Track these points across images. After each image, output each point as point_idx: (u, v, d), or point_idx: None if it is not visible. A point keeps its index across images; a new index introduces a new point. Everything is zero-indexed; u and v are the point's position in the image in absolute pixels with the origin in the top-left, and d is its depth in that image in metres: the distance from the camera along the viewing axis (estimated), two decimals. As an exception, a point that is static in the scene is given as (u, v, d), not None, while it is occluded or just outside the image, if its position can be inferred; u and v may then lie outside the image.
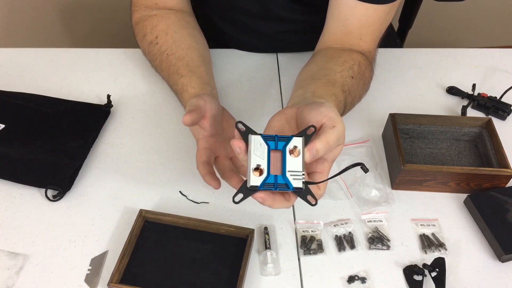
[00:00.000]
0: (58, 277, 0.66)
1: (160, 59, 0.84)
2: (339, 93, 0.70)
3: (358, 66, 0.78)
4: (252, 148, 0.52)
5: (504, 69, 1.01)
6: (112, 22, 1.84)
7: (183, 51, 0.83)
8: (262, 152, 0.52)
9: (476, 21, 2.08)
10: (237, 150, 0.53)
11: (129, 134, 0.85)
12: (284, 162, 0.52)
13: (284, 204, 0.55)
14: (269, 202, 0.53)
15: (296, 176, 0.52)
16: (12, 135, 0.81)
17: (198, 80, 0.78)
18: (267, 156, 0.52)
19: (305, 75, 0.78)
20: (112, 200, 0.75)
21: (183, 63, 0.81)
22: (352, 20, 0.79)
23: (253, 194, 0.52)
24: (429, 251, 0.70)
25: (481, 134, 0.82)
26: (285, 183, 0.52)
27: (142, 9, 0.90)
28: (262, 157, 0.52)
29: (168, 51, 0.83)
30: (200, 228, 0.70)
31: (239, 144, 0.53)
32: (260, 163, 0.52)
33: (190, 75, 0.79)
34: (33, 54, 0.99)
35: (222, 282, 0.65)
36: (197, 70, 0.80)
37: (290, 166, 0.52)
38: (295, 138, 0.53)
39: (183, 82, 0.78)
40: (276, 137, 0.53)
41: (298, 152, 0.53)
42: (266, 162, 0.52)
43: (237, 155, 0.54)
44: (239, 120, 0.54)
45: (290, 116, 0.60)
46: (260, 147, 0.52)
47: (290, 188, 0.52)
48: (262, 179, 0.52)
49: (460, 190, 0.77)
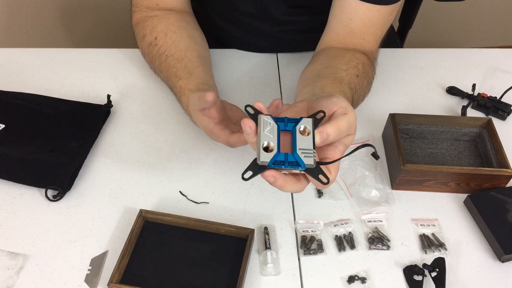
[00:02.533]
0: (58, 277, 0.66)
1: (159, 61, 0.85)
2: (347, 90, 0.70)
3: (362, 66, 0.78)
4: (262, 127, 0.51)
5: (504, 69, 1.01)
6: (112, 22, 1.84)
7: (182, 52, 0.83)
8: (272, 131, 0.51)
9: (476, 21, 2.08)
10: (247, 130, 0.52)
11: (129, 134, 0.85)
12: (294, 141, 0.51)
13: (295, 186, 0.53)
14: (280, 182, 0.51)
15: (307, 154, 0.50)
16: (12, 135, 0.81)
17: (195, 82, 0.78)
18: (277, 135, 0.51)
19: (310, 73, 0.78)
20: (112, 200, 0.75)
21: (182, 65, 0.81)
22: (355, 21, 0.79)
23: (263, 172, 0.51)
24: (429, 251, 0.70)
25: (481, 134, 0.82)
26: (296, 161, 0.50)
27: (143, 10, 0.90)
28: (272, 135, 0.51)
29: (167, 52, 0.83)
30: (200, 228, 0.70)
31: (250, 123, 0.52)
32: (270, 141, 0.51)
33: (188, 77, 0.79)
34: (33, 54, 0.99)
35: (222, 282, 0.65)
36: (195, 71, 0.80)
37: (301, 145, 0.51)
38: (305, 119, 0.52)
39: (181, 85, 0.78)
40: (285, 118, 0.52)
41: (308, 132, 0.52)
42: (276, 141, 0.51)
43: (246, 136, 0.53)
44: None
45: (301, 109, 0.59)
46: (270, 126, 0.51)
47: (302, 166, 0.50)
48: (272, 155, 0.50)
49: (460, 190, 0.77)
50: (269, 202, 0.75)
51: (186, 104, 0.77)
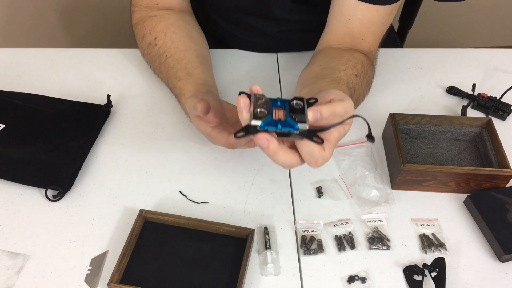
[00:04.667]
0: (58, 277, 0.66)
1: (159, 61, 0.84)
2: (345, 90, 0.70)
3: (361, 65, 0.78)
4: (254, 102, 0.51)
5: (504, 69, 1.01)
6: (112, 22, 1.84)
7: (181, 52, 0.83)
8: (265, 106, 0.51)
9: (476, 21, 2.08)
10: (241, 105, 0.51)
11: (129, 134, 0.85)
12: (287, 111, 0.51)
13: (288, 156, 0.52)
14: (273, 146, 0.50)
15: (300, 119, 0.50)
16: (12, 135, 0.81)
17: (194, 83, 0.78)
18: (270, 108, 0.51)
19: (308, 75, 0.78)
20: (112, 200, 0.75)
21: (181, 65, 0.81)
22: (354, 21, 0.79)
23: (255, 134, 0.50)
24: (429, 251, 0.70)
25: (481, 134, 0.82)
26: (289, 124, 0.49)
27: (142, 9, 0.90)
28: (265, 108, 0.51)
29: (167, 53, 0.83)
30: (200, 228, 0.70)
31: (244, 98, 0.51)
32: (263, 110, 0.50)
33: (187, 78, 0.79)
34: (33, 54, 0.99)
35: (222, 282, 0.65)
36: (195, 71, 0.80)
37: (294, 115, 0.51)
38: (297, 98, 0.53)
39: (180, 86, 0.78)
40: (278, 98, 0.52)
41: (301, 108, 0.51)
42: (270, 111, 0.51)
43: (239, 113, 0.52)
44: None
45: None
46: (263, 102, 0.51)
47: (295, 127, 0.49)
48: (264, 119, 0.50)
49: (460, 190, 0.77)
50: (269, 202, 0.75)
51: (185, 107, 0.77)
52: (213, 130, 0.67)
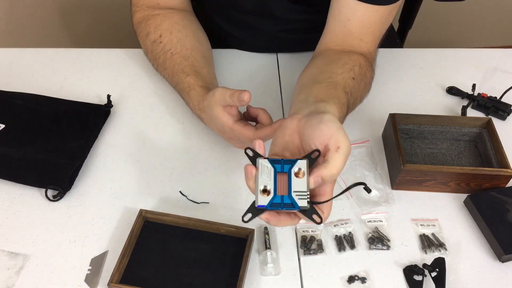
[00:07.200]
0: (58, 277, 0.66)
1: (164, 58, 0.85)
2: (341, 96, 0.69)
3: (359, 67, 0.77)
4: (260, 171, 0.55)
5: (504, 69, 1.01)
6: (112, 22, 1.84)
7: (188, 51, 0.83)
8: (269, 174, 0.55)
9: (476, 21, 2.08)
10: (249, 175, 0.55)
11: (129, 134, 0.85)
12: (290, 183, 0.55)
13: (289, 223, 0.57)
14: (274, 221, 0.55)
15: (302, 196, 0.54)
16: (12, 135, 0.81)
17: (203, 81, 0.79)
18: (273, 178, 0.55)
19: (306, 79, 0.78)
20: (112, 200, 0.75)
21: (188, 62, 0.82)
22: (353, 21, 0.79)
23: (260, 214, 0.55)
24: (429, 251, 0.70)
25: (481, 134, 0.82)
26: (291, 203, 0.54)
27: (144, 8, 0.90)
28: (269, 178, 0.55)
29: (173, 50, 0.84)
30: (200, 228, 0.70)
31: (251, 169, 0.55)
32: (268, 184, 0.55)
33: (196, 75, 0.80)
34: (33, 54, 0.99)
35: (222, 282, 0.65)
36: (202, 71, 0.81)
37: (296, 187, 0.55)
38: (300, 161, 0.56)
39: (190, 81, 0.79)
40: (282, 160, 0.56)
41: (303, 174, 0.55)
42: (273, 184, 0.55)
43: (247, 180, 0.56)
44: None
45: (293, 131, 0.60)
46: (267, 169, 0.55)
47: (296, 207, 0.54)
48: (269, 199, 0.54)
49: (460, 190, 0.77)
50: (269, 202, 0.75)
51: (197, 100, 0.77)
52: (236, 123, 0.70)
